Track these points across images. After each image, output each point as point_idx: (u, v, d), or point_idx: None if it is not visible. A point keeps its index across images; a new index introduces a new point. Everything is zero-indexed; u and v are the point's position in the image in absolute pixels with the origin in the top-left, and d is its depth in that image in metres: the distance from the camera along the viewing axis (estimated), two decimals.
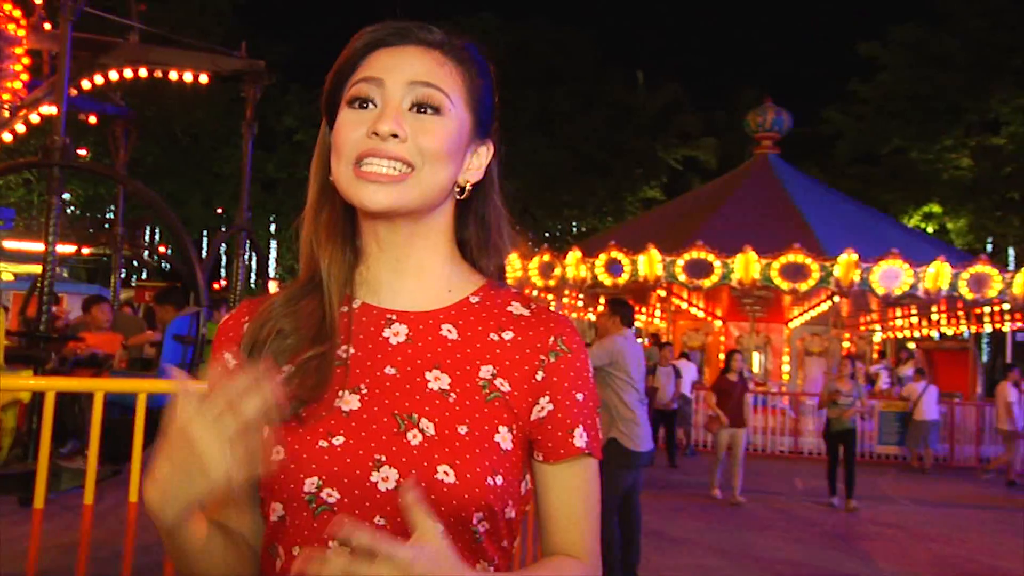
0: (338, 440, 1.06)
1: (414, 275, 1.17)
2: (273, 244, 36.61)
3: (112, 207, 29.07)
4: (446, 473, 1.03)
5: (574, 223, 36.15)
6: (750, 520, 8.96)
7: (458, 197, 1.18)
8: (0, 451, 6.15)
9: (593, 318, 20.95)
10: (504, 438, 1.09)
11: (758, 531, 8.43)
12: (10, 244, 24.77)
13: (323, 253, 1.15)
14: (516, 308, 1.19)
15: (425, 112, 1.09)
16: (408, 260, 1.16)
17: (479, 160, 1.19)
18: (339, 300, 1.14)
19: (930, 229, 28.95)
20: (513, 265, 16.97)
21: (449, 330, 1.14)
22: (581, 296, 18.39)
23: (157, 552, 4.04)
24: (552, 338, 1.15)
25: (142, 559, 3.72)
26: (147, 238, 32.91)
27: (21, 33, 8.71)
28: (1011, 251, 30.11)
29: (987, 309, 16.62)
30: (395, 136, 1.07)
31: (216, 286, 26.24)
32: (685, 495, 10.32)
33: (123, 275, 13.74)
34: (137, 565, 3.22)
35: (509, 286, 1.23)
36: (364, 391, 1.10)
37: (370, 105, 1.10)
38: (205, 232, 34.80)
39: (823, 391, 10.67)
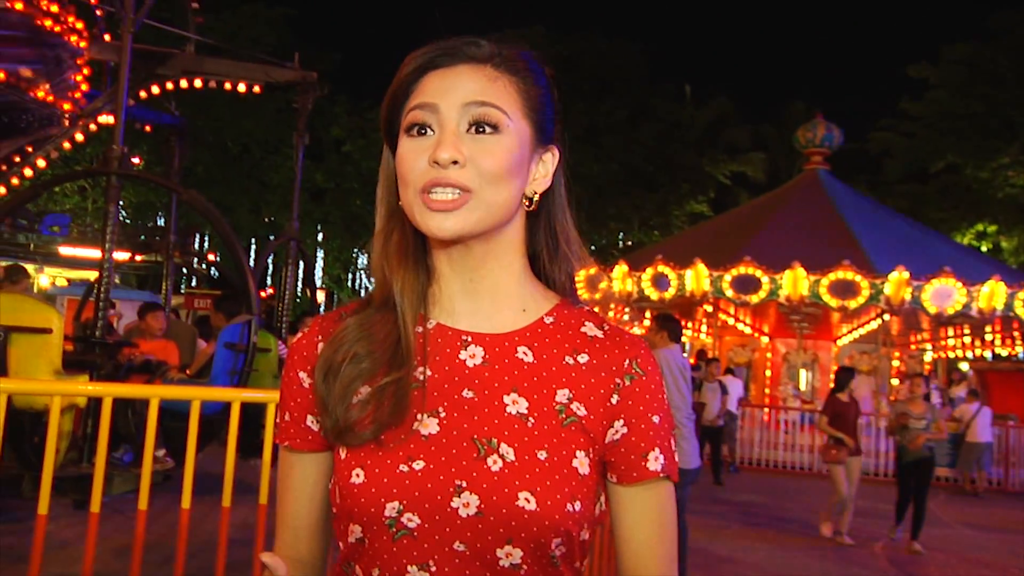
0: (418, 465, 1.06)
1: (488, 295, 1.16)
2: (320, 253, 36.94)
3: (161, 214, 29.59)
4: (527, 500, 1.03)
5: (620, 236, 36.03)
6: (796, 540, 8.84)
7: (528, 208, 1.17)
8: (57, 454, 6.27)
9: (639, 332, 20.86)
10: (582, 463, 1.08)
11: (804, 551, 8.31)
12: (65, 250, 25.32)
13: (396, 276, 1.14)
14: (590, 329, 1.18)
15: (483, 132, 1.09)
16: (482, 281, 1.16)
17: (545, 168, 1.18)
18: (413, 322, 1.13)
19: (984, 248, 28.45)
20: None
21: (525, 353, 1.14)
22: (627, 310, 18.32)
23: (203, 557, 4.09)
24: (627, 361, 1.15)
25: (193, 563, 3.77)
26: (197, 246, 33.42)
27: (83, 45, 8.91)
28: None
29: None
30: (455, 163, 1.07)
31: (263, 294, 26.56)
32: (730, 513, 10.20)
33: (173, 282, 13.94)
34: (189, 568, 3.26)
35: (582, 304, 1.22)
36: (443, 414, 1.09)
37: (428, 131, 1.09)
38: (253, 240, 35.23)
39: (891, 414, 9.41)
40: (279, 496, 1.21)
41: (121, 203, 29.99)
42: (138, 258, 21.67)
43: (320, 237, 36.20)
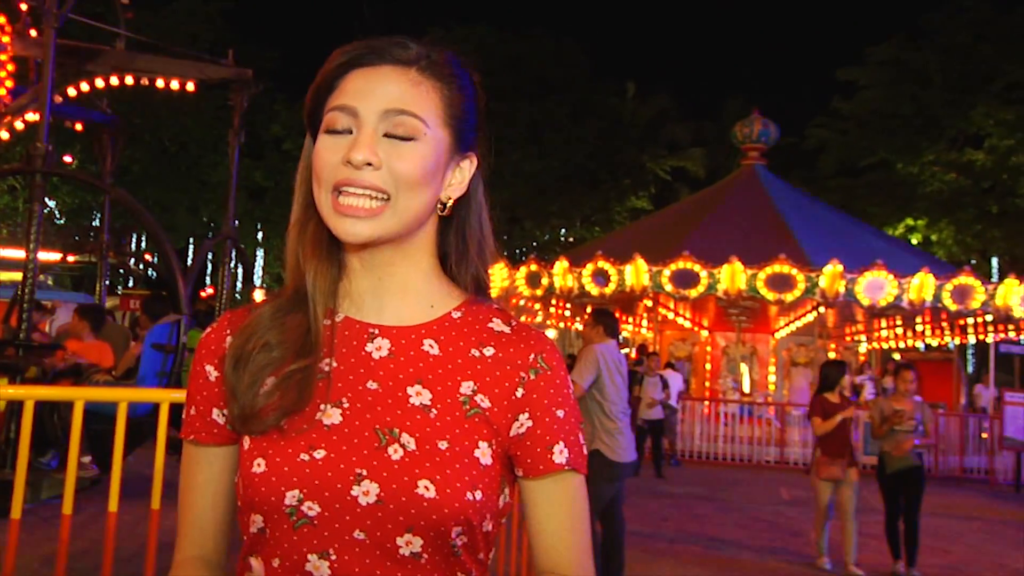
0: (319, 454, 1.06)
1: (398, 292, 1.17)
2: (260, 252, 36.52)
3: (98, 215, 28.96)
4: (427, 488, 1.04)
5: (562, 232, 36.20)
6: (737, 531, 8.97)
7: (441, 213, 1.18)
8: None
9: (580, 328, 21.00)
10: (484, 453, 1.10)
11: (745, 541, 8.44)
12: None
13: (308, 267, 1.15)
14: (497, 325, 1.19)
15: (399, 139, 1.09)
16: (392, 278, 1.17)
17: (462, 174, 1.19)
18: (324, 314, 1.14)
19: (914, 240, 29.17)
20: (501, 275, 17.00)
21: (431, 345, 1.15)
22: (568, 306, 18.42)
23: (138, 563, 4.02)
24: (532, 355, 1.16)
25: (122, 569, 3.71)
26: (133, 246, 32.78)
27: (6, 40, 8.68)
28: (994, 262, 30.37)
29: (971, 320, 16.74)
30: (369, 164, 1.07)
31: (203, 294, 26.18)
32: (671, 505, 10.32)
33: (108, 283, 13.67)
34: (119, 574, 3.20)
35: (490, 302, 1.24)
36: (346, 405, 1.10)
37: (346, 131, 1.10)
38: (192, 240, 34.68)
39: (874, 413, 7.66)
40: (182, 495, 1.20)
41: (54, 203, 29.16)
42: (71, 259, 21.18)
43: (260, 236, 35.80)
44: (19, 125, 9.73)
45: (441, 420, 1.09)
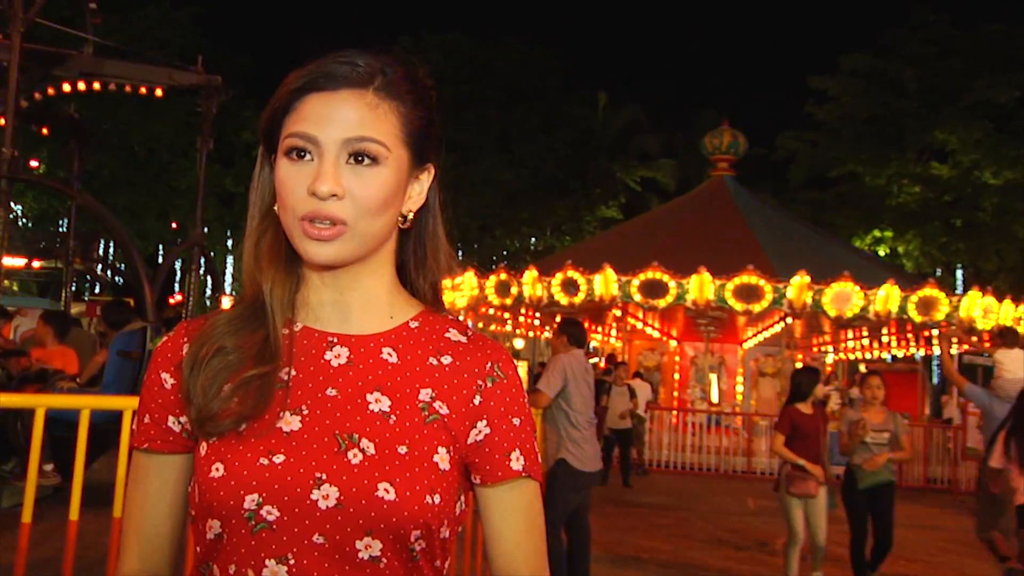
0: (279, 458, 1.07)
1: (358, 304, 1.19)
2: (230, 259, 36.27)
3: (65, 220, 28.63)
4: (386, 490, 1.05)
5: (532, 241, 36.27)
6: (702, 539, 9.03)
7: (401, 226, 1.19)
8: None
9: (549, 337, 21.03)
10: (442, 459, 1.11)
11: (710, 549, 8.49)
12: None
13: (265, 277, 1.16)
14: (454, 334, 1.21)
15: (362, 162, 1.10)
16: (353, 292, 1.18)
17: (420, 186, 1.20)
18: (282, 323, 1.15)
19: (881, 252, 29.52)
20: (470, 283, 17.01)
21: (389, 353, 1.17)
22: (538, 315, 18.45)
23: (99, 570, 3.98)
24: (489, 364, 1.19)
25: None
26: (100, 252, 32.42)
27: None
28: (959, 274, 30.80)
29: (935, 332, 16.95)
30: (334, 195, 1.08)
31: (171, 301, 25.92)
32: (638, 514, 10.36)
33: (74, 289, 13.55)
34: None
35: (446, 313, 1.26)
36: (305, 412, 1.11)
37: (307, 155, 1.10)
38: (161, 246, 34.37)
39: (843, 426, 7.03)
40: (129, 507, 1.19)
41: (21, 208, 28.71)
42: (36, 264, 20.92)
43: (230, 243, 35.54)
44: None
45: (400, 426, 1.11)
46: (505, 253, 34.83)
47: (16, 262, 16.13)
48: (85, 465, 3.20)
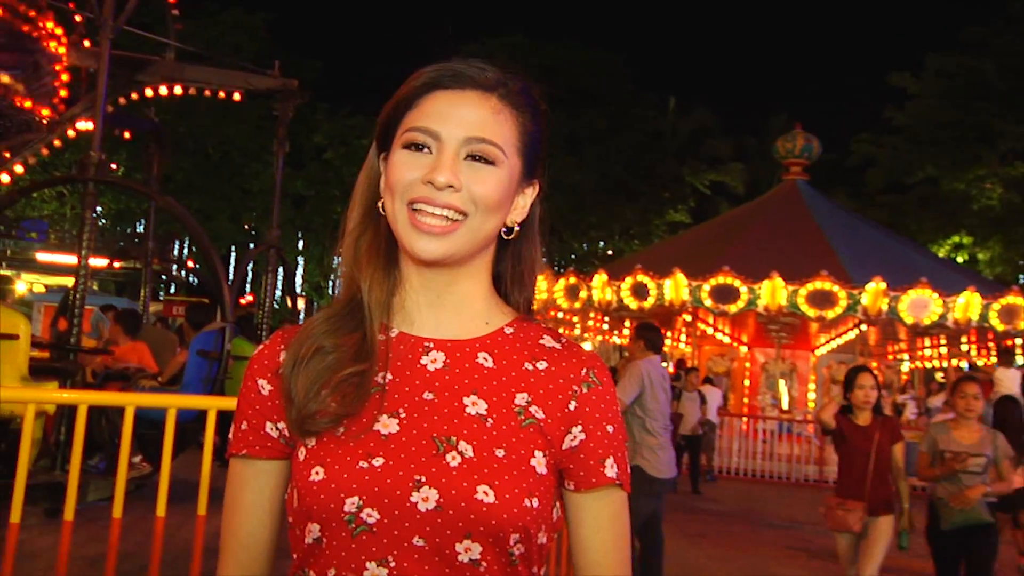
0: (378, 461, 1.07)
1: (454, 309, 1.19)
2: (300, 261, 36.82)
3: (142, 221, 29.39)
4: (486, 493, 1.05)
5: (601, 245, 36.15)
6: (773, 549, 8.87)
7: (506, 237, 1.21)
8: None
9: (618, 341, 20.94)
10: (539, 463, 1.11)
11: (780, 560, 8.35)
12: (43, 256, 25.14)
13: (364, 276, 1.17)
14: (548, 341, 1.22)
15: (479, 162, 1.12)
16: (451, 296, 1.19)
17: (525, 200, 1.22)
18: (379, 325, 1.16)
19: (960, 259, 28.71)
20: (539, 287, 16.99)
21: (485, 358, 1.17)
22: (606, 319, 18.36)
23: (179, 565, 4.07)
24: (584, 370, 1.19)
25: (169, 572, 3.75)
26: (176, 252, 33.22)
27: (62, 51, 8.87)
28: None
29: (1018, 340, 16.42)
30: (451, 187, 1.10)
31: (242, 301, 26.45)
32: (708, 521, 10.23)
33: (152, 288, 13.87)
34: None
35: (539, 321, 1.27)
36: (403, 415, 1.11)
37: (426, 149, 1.12)
38: (233, 248, 35.06)
39: (925, 444, 5.53)
40: (228, 514, 1.20)
41: (100, 209, 29.70)
42: (116, 265, 21.53)
43: (301, 245, 36.09)
44: (71, 133, 9.93)
45: (497, 429, 1.11)
46: (573, 256, 34.75)
47: (99, 262, 16.62)
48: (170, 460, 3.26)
